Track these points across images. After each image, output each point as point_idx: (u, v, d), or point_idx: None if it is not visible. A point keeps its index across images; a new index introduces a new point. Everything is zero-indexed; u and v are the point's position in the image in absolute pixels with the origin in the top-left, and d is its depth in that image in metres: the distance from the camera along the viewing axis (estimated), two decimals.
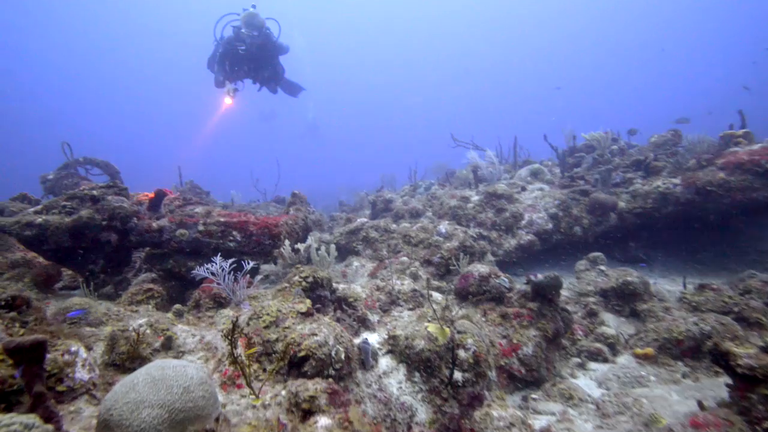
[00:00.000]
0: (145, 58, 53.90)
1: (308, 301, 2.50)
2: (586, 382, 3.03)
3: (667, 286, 4.82)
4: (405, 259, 4.35)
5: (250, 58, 8.29)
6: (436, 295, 3.39)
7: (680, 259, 5.76)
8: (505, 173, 8.04)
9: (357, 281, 4.53)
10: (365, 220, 5.28)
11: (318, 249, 3.34)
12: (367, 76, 62.30)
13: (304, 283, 2.86)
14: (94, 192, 3.31)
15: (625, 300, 4.04)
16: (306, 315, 2.37)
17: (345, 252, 5.23)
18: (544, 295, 3.16)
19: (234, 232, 3.58)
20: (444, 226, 4.55)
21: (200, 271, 2.52)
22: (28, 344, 1.10)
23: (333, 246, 3.40)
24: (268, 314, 2.28)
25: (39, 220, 3.00)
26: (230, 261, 2.74)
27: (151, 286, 2.61)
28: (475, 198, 6.27)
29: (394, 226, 5.22)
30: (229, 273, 2.86)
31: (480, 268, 3.47)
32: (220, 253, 3.62)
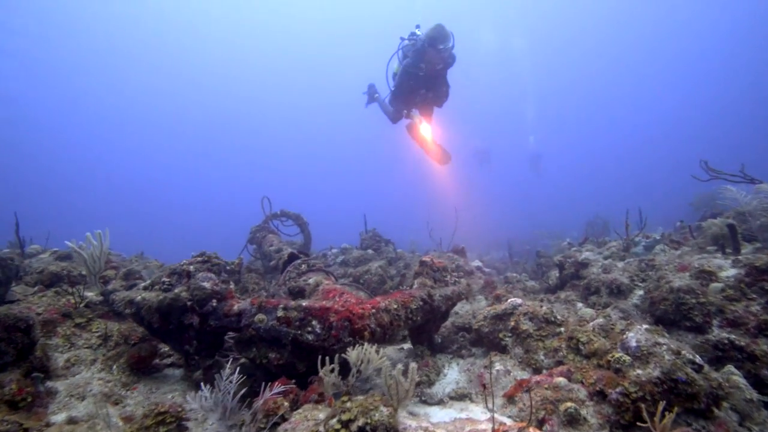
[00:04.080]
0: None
1: None
2: None
3: None
4: (562, 381, 2.90)
5: (429, 78, 8.00)
6: None
7: None
8: None
9: (498, 394, 3.37)
10: (518, 301, 3.97)
11: (392, 368, 2.44)
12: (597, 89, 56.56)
13: None
14: (191, 267, 3.41)
15: None
16: None
17: (489, 345, 4.06)
18: None
19: (314, 322, 3.06)
20: (639, 335, 2.86)
21: (191, 402, 2.03)
22: None
23: (413, 366, 2.44)
24: None
25: (138, 297, 3.23)
26: (240, 375, 2.17)
27: (165, 408, 2.31)
28: (729, 273, 4.08)
29: (561, 316, 3.73)
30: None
31: None
32: (299, 346, 3.18)
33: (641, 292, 4.43)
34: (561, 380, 2.94)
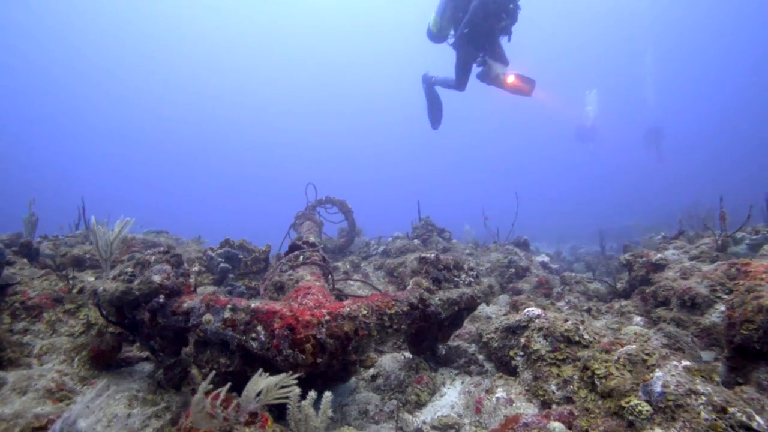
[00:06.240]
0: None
1: None
2: None
3: None
4: (557, 427, 2.19)
5: (501, 8, 7.21)
6: None
7: None
8: None
9: (491, 425, 2.79)
10: (536, 311, 3.20)
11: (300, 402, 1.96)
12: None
13: None
14: (153, 258, 3.25)
15: None
16: None
17: (499, 363, 3.38)
18: None
19: (259, 327, 2.69)
20: (668, 376, 2.02)
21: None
22: None
23: (328, 396, 1.94)
24: None
25: (101, 288, 3.15)
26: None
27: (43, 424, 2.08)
28: None
29: (590, 335, 2.91)
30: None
31: None
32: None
33: (723, 308, 3.35)
34: (557, 426, 2.23)
